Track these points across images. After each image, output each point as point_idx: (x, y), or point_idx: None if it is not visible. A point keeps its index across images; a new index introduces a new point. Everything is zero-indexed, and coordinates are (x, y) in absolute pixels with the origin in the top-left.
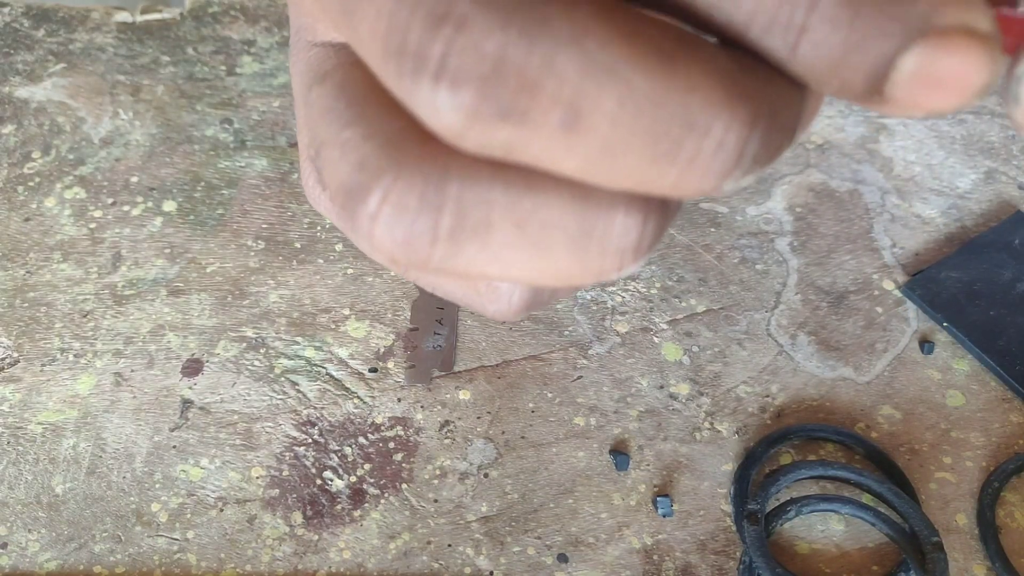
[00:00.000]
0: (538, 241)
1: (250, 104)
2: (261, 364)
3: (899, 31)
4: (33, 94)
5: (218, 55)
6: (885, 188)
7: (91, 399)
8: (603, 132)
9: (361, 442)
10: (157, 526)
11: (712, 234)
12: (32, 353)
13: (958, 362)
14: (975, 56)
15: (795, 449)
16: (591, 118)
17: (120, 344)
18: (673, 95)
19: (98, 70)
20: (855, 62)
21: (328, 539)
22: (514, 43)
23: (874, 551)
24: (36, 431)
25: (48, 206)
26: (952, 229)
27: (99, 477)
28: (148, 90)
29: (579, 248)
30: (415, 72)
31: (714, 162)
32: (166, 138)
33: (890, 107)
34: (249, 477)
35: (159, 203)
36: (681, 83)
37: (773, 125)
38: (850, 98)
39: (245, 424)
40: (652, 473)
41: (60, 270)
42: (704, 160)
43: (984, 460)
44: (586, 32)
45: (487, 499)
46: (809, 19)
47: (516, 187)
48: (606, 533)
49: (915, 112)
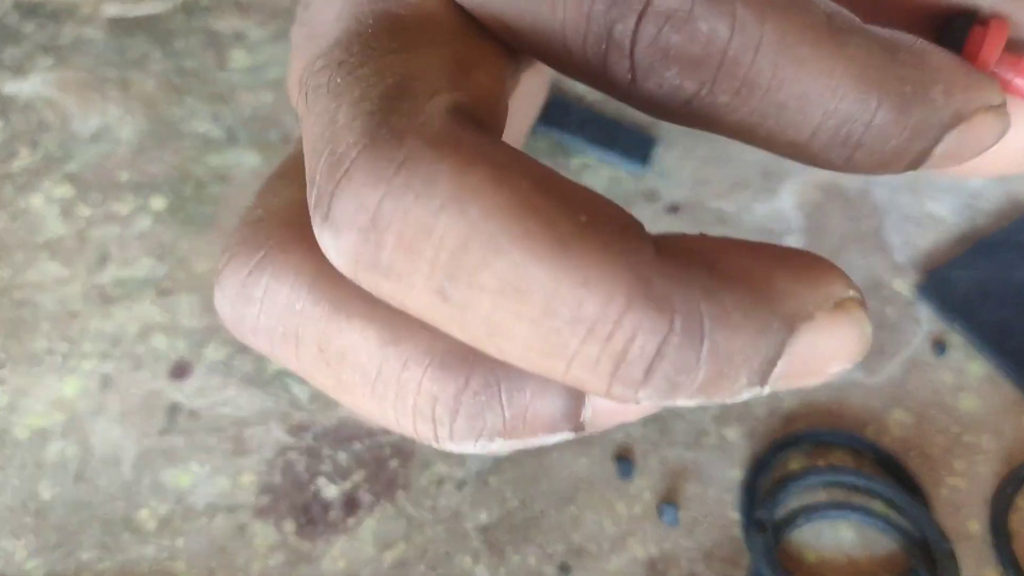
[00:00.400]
0: (338, 370)
1: (242, 99)
2: (252, 366)
3: (939, 126)
4: (21, 89)
5: (209, 49)
6: (895, 186)
7: (78, 402)
8: (483, 311)
9: (355, 448)
10: (146, 533)
11: (717, 233)
12: (18, 355)
13: (971, 364)
14: (994, 121)
15: (804, 455)
16: (468, 293)
17: (107, 346)
18: (563, 286)
19: (87, 64)
20: (901, 157)
21: (321, 548)
22: (394, 198)
23: (884, 559)
24: (23, 435)
25: (35, 204)
26: (964, 228)
27: (86, 482)
28: (138, 85)
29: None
30: (314, 208)
31: (618, 372)
32: (156, 134)
33: (918, 169)
34: (240, 483)
35: (148, 201)
36: (574, 274)
37: (705, 341)
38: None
39: (235, 428)
40: (657, 480)
41: (47, 270)
42: (604, 367)
43: (997, 465)
44: (473, 197)
45: (486, 507)
46: (864, 136)
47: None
48: (609, 542)
49: (940, 168)
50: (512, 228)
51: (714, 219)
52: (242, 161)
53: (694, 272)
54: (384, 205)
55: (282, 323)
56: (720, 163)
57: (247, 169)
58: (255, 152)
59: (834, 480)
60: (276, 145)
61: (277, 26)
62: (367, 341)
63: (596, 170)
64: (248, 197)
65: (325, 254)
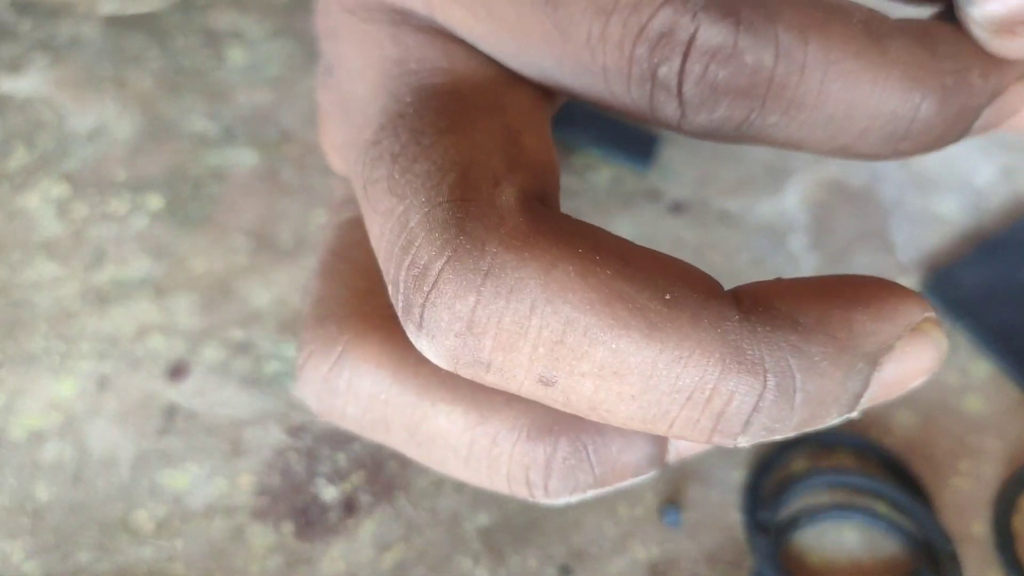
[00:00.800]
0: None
1: (239, 97)
2: (250, 367)
3: (978, 107)
4: (16, 87)
5: (206, 46)
6: (901, 184)
7: (75, 403)
8: (586, 393)
9: (354, 449)
10: (143, 535)
11: (721, 232)
12: (14, 355)
13: (976, 365)
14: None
15: (808, 456)
16: (569, 380)
17: (104, 345)
18: (660, 365)
19: (83, 62)
20: (944, 140)
21: (320, 550)
22: (486, 305)
23: (888, 561)
24: (19, 436)
25: (31, 203)
26: (969, 227)
27: (84, 484)
28: (134, 83)
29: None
30: (404, 316)
31: (717, 428)
32: (153, 132)
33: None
34: (237, 485)
35: (145, 200)
36: (668, 353)
37: (797, 393)
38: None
39: (233, 429)
40: (659, 481)
41: (43, 269)
42: (704, 426)
43: (1001, 466)
44: (562, 295)
45: (486, 509)
46: (911, 129)
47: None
48: (611, 544)
49: (977, 135)
50: (604, 319)
51: (716, 219)
52: (240, 160)
53: (779, 329)
54: (477, 313)
55: (369, 412)
56: (724, 161)
57: (245, 168)
58: (253, 150)
59: (837, 482)
60: (274, 143)
61: (275, 23)
62: (454, 424)
63: (599, 168)
64: (246, 196)
65: (423, 353)
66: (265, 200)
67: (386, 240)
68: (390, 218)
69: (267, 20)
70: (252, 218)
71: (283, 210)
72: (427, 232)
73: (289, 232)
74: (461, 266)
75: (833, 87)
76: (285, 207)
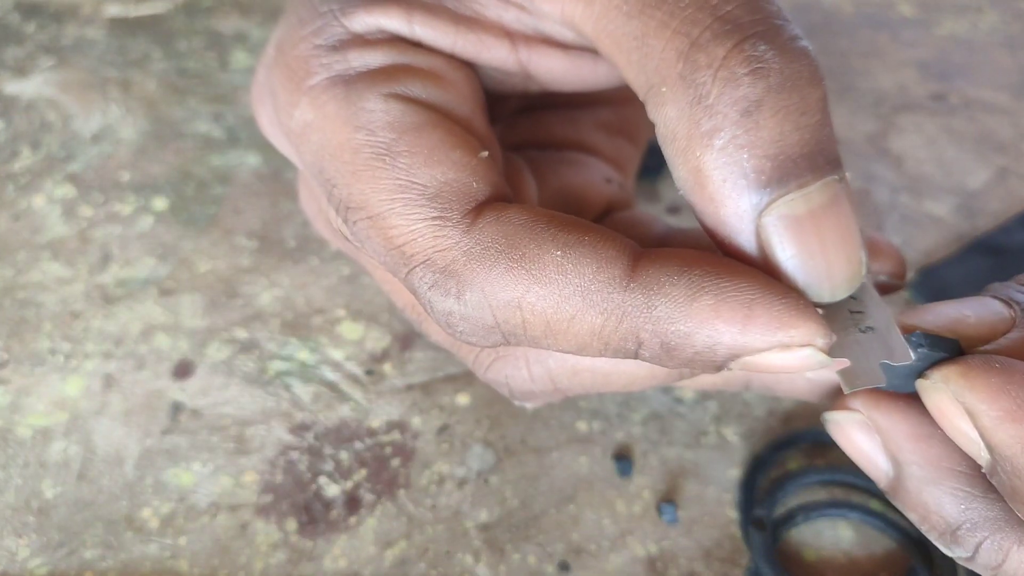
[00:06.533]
0: None
1: (243, 99)
2: (254, 366)
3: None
4: (22, 90)
5: (210, 49)
6: (895, 186)
7: (81, 401)
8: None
9: (357, 447)
10: (148, 532)
11: None
12: (21, 355)
13: None
14: None
15: (803, 454)
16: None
17: (110, 345)
18: (565, 316)
19: (89, 65)
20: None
21: (323, 547)
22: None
23: (883, 558)
24: (26, 434)
25: (37, 204)
26: (963, 228)
27: (89, 482)
28: (139, 85)
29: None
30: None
31: (617, 356)
32: (157, 134)
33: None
34: (242, 482)
35: (150, 201)
36: (566, 309)
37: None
38: None
39: (237, 428)
40: (656, 479)
41: (49, 270)
42: (611, 356)
43: None
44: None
45: (486, 506)
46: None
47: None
48: (609, 541)
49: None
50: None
51: None
52: (243, 161)
53: (651, 310)
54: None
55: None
56: None
57: (248, 169)
58: (256, 153)
59: (832, 479)
60: None
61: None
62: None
63: None
64: (249, 198)
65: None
66: (269, 201)
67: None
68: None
69: (270, 23)
70: (256, 219)
71: (286, 211)
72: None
73: (292, 233)
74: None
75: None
76: (288, 208)
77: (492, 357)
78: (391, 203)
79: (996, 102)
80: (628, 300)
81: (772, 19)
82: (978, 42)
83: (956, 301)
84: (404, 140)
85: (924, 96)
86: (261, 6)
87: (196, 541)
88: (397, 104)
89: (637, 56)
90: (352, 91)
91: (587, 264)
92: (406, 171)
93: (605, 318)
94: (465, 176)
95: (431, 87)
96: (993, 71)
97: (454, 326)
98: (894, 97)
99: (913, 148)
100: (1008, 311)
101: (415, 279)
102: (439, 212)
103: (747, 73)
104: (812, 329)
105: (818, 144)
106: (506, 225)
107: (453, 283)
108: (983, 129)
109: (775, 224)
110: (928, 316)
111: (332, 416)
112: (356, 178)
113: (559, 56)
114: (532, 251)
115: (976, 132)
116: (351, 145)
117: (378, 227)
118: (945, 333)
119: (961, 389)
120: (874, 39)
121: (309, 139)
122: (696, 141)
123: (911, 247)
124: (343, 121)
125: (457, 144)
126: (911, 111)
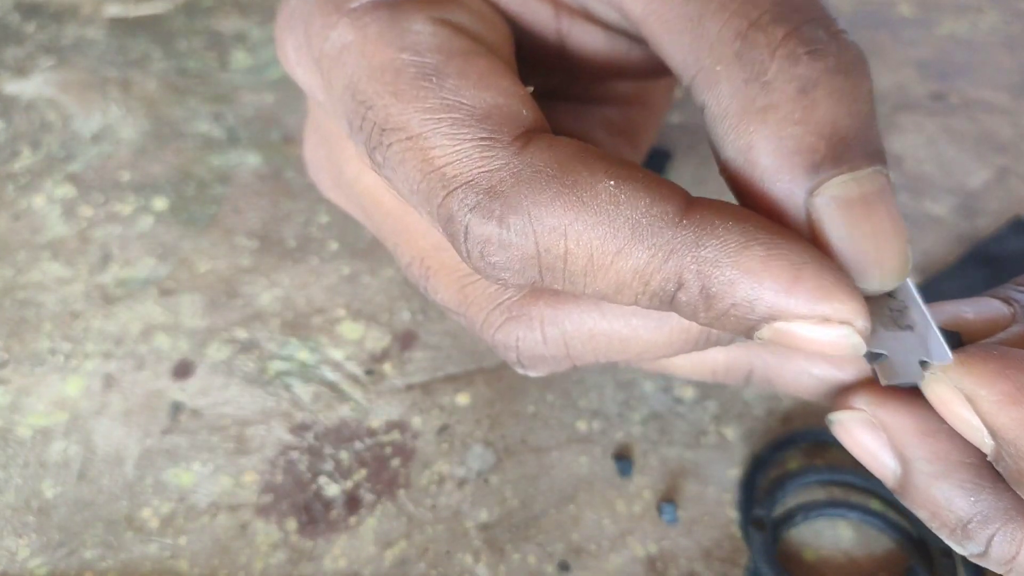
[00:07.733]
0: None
1: (243, 99)
2: (254, 366)
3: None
4: (22, 89)
5: (210, 49)
6: (895, 186)
7: (81, 401)
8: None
9: (357, 447)
10: (148, 532)
11: None
12: (21, 354)
13: None
14: None
15: (803, 453)
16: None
17: (110, 345)
18: (610, 250)
19: (88, 65)
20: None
21: (323, 546)
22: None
23: (882, 558)
24: (26, 434)
25: (37, 204)
26: (963, 228)
27: (89, 482)
28: (139, 85)
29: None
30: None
31: (652, 304)
32: (157, 134)
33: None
34: (242, 482)
35: (150, 201)
36: (615, 242)
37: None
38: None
39: (237, 428)
40: (656, 479)
41: (49, 270)
42: (644, 303)
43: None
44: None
45: (486, 506)
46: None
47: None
48: (609, 540)
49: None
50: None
51: None
52: (244, 161)
53: (700, 248)
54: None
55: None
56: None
57: (249, 169)
58: (257, 152)
59: (832, 479)
60: (277, 145)
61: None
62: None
63: None
64: (249, 198)
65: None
66: (269, 201)
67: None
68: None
69: (270, 23)
70: (256, 219)
71: (287, 211)
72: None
73: (292, 233)
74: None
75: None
76: (288, 208)
77: (504, 316)
78: (437, 123)
79: (996, 102)
80: (678, 236)
81: (824, 11)
82: (978, 42)
83: (956, 301)
84: (453, 63)
85: (924, 96)
86: (261, 6)
87: (196, 541)
88: (445, 29)
89: (689, 38)
90: (398, 12)
91: (641, 197)
92: (454, 92)
93: (652, 254)
94: (515, 103)
95: (477, 22)
96: (993, 71)
97: (488, 256)
98: (894, 97)
99: (913, 148)
100: (1007, 308)
101: (454, 202)
102: (488, 133)
103: (806, 52)
104: (856, 308)
105: (868, 132)
106: (558, 151)
107: (498, 205)
108: (983, 129)
109: (827, 204)
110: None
111: (332, 416)
112: (397, 98)
113: (598, 34)
114: (585, 178)
115: (976, 132)
116: (394, 65)
117: (418, 147)
118: (946, 327)
119: (960, 376)
120: (874, 39)
121: (344, 61)
122: (750, 117)
123: (911, 247)
124: (387, 42)
125: (506, 73)
126: (911, 111)
